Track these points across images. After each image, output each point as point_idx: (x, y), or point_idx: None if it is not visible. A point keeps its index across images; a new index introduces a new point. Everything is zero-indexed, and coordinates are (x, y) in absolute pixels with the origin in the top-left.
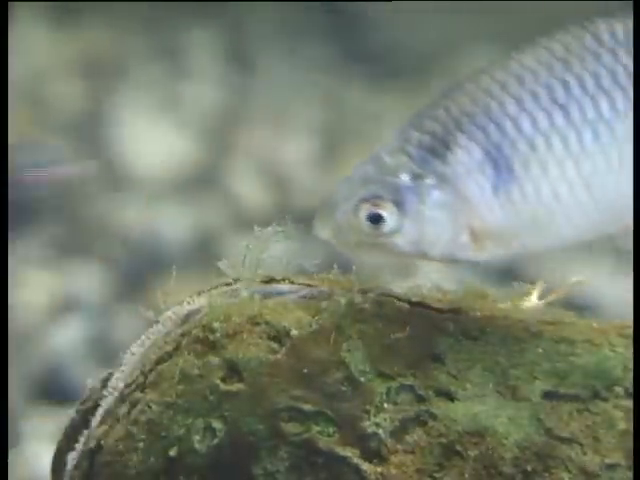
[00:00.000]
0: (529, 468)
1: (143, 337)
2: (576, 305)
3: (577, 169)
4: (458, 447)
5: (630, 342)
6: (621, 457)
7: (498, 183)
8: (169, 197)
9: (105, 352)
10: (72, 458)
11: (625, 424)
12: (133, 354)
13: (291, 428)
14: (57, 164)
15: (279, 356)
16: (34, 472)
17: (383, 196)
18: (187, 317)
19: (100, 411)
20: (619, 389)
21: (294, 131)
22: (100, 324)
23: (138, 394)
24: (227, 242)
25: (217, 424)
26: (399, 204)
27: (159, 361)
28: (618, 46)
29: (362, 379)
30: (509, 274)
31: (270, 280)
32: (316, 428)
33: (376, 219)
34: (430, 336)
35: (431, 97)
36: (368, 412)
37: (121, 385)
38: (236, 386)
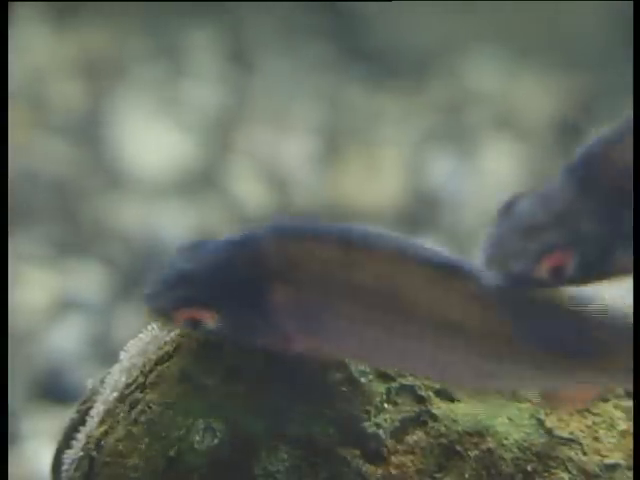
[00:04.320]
0: (529, 468)
1: (141, 335)
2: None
3: None
4: (458, 447)
5: None
6: (621, 457)
7: None
8: (169, 197)
9: (105, 352)
10: (68, 458)
11: (625, 424)
12: (127, 351)
13: (291, 428)
14: None
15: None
16: (34, 472)
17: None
18: None
19: (96, 410)
20: (619, 389)
21: (294, 131)
22: (100, 324)
23: (138, 394)
24: None
25: (217, 424)
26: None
27: (159, 361)
28: None
29: (362, 379)
30: None
31: None
32: (316, 428)
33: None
34: None
35: (430, 97)
36: (368, 412)
37: (122, 381)
38: (236, 386)
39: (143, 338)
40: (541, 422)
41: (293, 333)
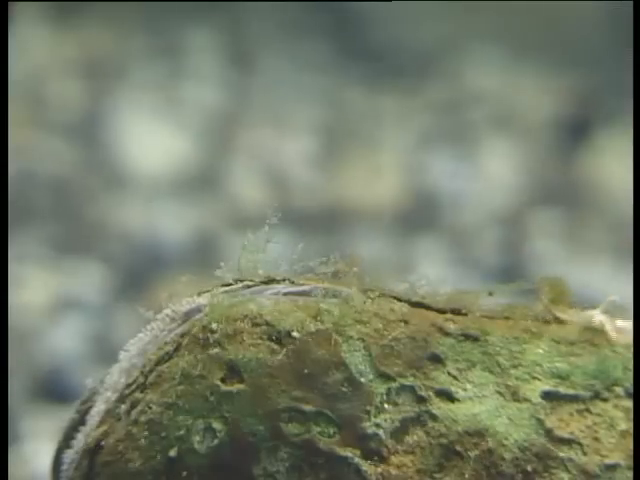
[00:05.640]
0: (529, 468)
1: (140, 334)
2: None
3: None
4: (458, 447)
5: (630, 342)
6: (621, 457)
7: None
8: (169, 197)
9: (105, 352)
10: (68, 458)
11: (625, 424)
12: (128, 351)
13: (291, 429)
14: None
15: (279, 357)
16: (33, 472)
17: None
18: (187, 316)
19: (97, 410)
20: (619, 389)
21: (294, 131)
22: (100, 324)
23: (138, 394)
24: (227, 242)
25: (217, 425)
26: None
27: (159, 361)
28: None
29: (362, 380)
30: (509, 274)
31: (270, 281)
32: (316, 429)
33: None
34: (430, 336)
35: (430, 97)
36: (368, 413)
37: (122, 381)
38: (236, 387)
39: (143, 338)
40: (541, 422)
41: None
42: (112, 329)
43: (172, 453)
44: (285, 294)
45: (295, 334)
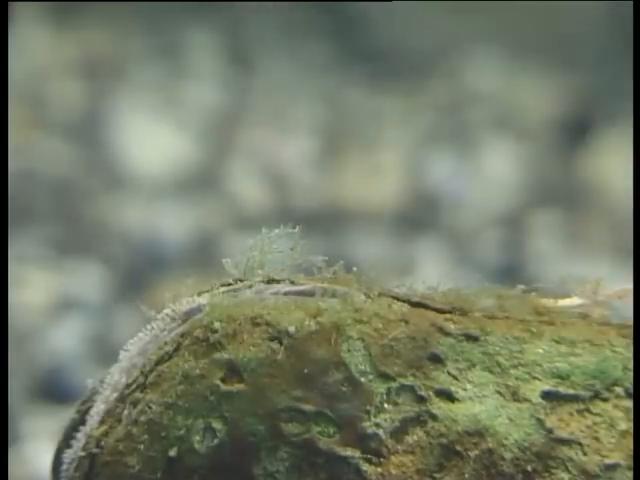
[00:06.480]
0: (529, 468)
1: (140, 334)
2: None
3: None
4: (458, 447)
5: (630, 342)
6: (621, 457)
7: None
8: (169, 197)
9: (105, 352)
10: (68, 458)
11: (625, 424)
12: (128, 351)
13: (291, 428)
14: None
15: (279, 356)
16: (34, 472)
17: None
18: (187, 315)
19: (97, 410)
20: (619, 389)
21: (294, 131)
22: (100, 324)
23: (138, 394)
24: (227, 242)
25: (217, 424)
26: None
27: (159, 361)
28: None
29: (362, 379)
30: (509, 274)
31: (270, 280)
32: (316, 428)
33: None
34: (430, 336)
35: (430, 97)
36: (368, 412)
37: (122, 381)
38: (236, 386)
39: (143, 338)
40: (541, 422)
41: None
42: (112, 329)
43: (172, 453)
44: (285, 294)
45: (295, 334)
